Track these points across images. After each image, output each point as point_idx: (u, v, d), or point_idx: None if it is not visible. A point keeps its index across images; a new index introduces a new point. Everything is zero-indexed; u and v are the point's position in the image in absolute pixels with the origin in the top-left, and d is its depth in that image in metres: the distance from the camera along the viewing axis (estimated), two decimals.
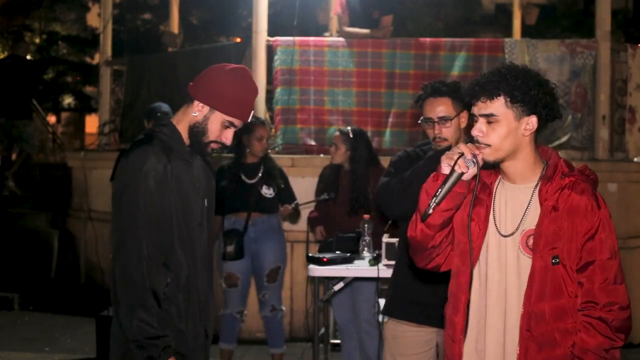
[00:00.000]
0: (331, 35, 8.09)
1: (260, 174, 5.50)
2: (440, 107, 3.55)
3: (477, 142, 2.49)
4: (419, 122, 3.67)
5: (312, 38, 7.35)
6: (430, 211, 2.47)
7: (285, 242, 5.68)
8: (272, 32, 7.24)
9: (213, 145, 2.84)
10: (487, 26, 21.00)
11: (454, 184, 2.46)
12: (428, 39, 7.33)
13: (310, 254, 4.85)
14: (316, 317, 4.80)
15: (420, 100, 3.65)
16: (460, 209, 2.55)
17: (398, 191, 3.58)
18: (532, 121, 2.46)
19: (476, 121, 2.52)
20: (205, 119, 2.80)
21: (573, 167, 2.54)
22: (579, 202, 2.44)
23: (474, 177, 2.49)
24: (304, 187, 6.37)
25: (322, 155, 6.89)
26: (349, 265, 4.70)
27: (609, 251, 2.45)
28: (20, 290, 7.92)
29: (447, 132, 3.55)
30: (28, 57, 5.57)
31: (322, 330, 5.43)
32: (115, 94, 9.13)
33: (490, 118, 2.46)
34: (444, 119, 3.54)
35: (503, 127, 2.45)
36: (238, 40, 11.20)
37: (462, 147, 2.48)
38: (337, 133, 5.44)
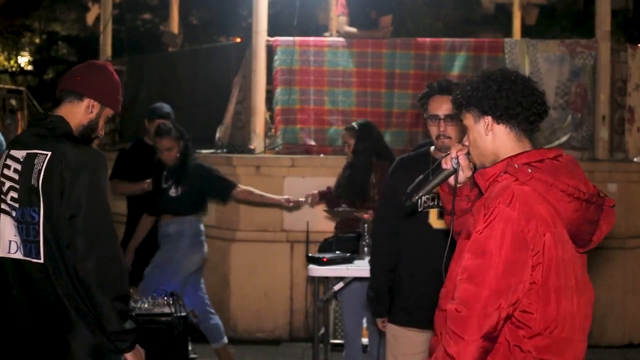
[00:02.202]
0: (331, 35, 8.09)
1: (173, 177, 5.48)
2: (447, 105, 3.54)
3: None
4: (424, 118, 3.65)
5: (312, 38, 7.34)
6: (413, 200, 2.63)
7: (198, 244, 5.54)
8: (272, 32, 7.24)
9: (95, 140, 3.09)
10: (487, 26, 20.99)
11: (441, 180, 2.55)
12: (428, 39, 7.33)
13: (310, 254, 4.85)
14: (316, 317, 4.80)
15: (426, 98, 3.64)
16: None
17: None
18: (487, 120, 2.40)
19: None
20: (98, 116, 2.99)
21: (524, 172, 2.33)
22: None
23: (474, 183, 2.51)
24: (304, 187, 6.37)
25: (322, 155, 6.89)
26: (349, 265, 4.70)
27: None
28: None
29: (452, 130, 3.55)
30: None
31: (322, 330, 5.42)
32: None
33: (464, 124, 2.49)
34: (450, 117, 3.53)
35: (470, 133, 2.46)
36: (238, 40, 11.21)
37: (453, 146, 2.54)
38: (345, 132, 5.44)
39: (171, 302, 5.21)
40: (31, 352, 2.81)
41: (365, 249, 4.82)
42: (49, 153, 2.77)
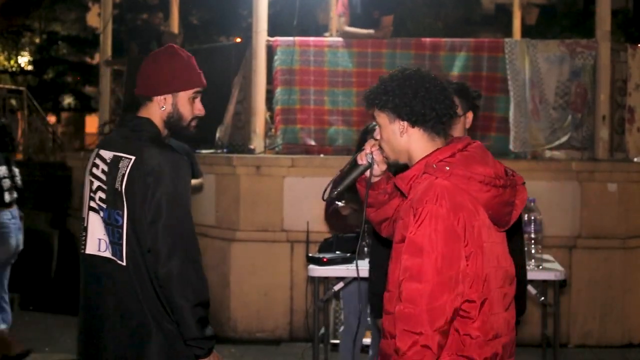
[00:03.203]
0: (331, 35, 8.09)
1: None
2: None
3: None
4: None
5: (312, 38, 7.35)
6: (333, 195, 2.71)
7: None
8: (272, 32, 7.24)
9: (193, 124, 2.89)
10: (487, 26, 21.00)
11: (358, 174, 2.66)
12: (428, 39, 7.33)
13: (310, 254, 4.84)
14: (316, 317, 4.80)
15: None
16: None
17: None
18: (402, 124, 2.51)
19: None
20: (174, 106, 2.84)
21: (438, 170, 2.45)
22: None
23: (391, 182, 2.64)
24: (304, 187, 6.38)
25: (322, 155, 6.89)
26: (349, 265, 4.69)
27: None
28: (20, 290, 7.92)
29: (454, 131, 3.56)
30: None
31: (322, 330, 5.42)
32: (115, 94, 9.14)
33: (376, 121, 2.60)
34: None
35: (383, 131, 2.57)
36: (238, 40, 11.20)
37: (368, 142, 2.66)
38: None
39: None
40: (108, 354, 2.82)
41: (366, 249, 4.81)
42: (133, 158, 2.71)
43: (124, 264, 2.74)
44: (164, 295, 2.68)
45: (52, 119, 21.50)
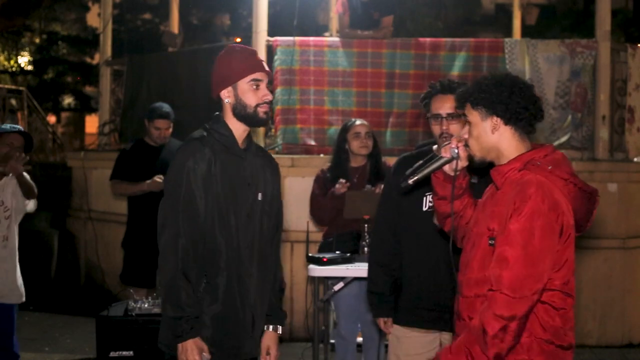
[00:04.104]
0: (331, 35, 8.09)
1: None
2: (449, 104, 3.56)
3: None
4: (427, 117, 3.67)
5: (312, 38, 7.35)
6: (409, 182, 2.81)
7: None
8: (272, 32, 7.24)
9: (261, 110, 3.01)
10: (487, 26, 21.01)
11: (439, 166, 2.81)
12: (428, 39, 7.33)
13: (310, 254, 4.84)
14: (316, 317, 4.80)
15: (428, 97, 3.66)
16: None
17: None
18: (496, 121, 2.65)
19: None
20: (236, 97, 3.00)
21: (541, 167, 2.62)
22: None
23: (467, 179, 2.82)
24: (304, 187, 6.37)
25: (322, 155, 6.89)
26: (349, 265, 4.69)
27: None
28: None
29: (455, 129, 3.55)
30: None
31: (322, 330, 5.41)
32: (115, 94, 9.13)
33: (466, 119, 2.73)
34: (452, 116, 3.55)
35: (473, 128, 2.70)
36: (238, 40, 11.20)
37: (454, 137, 2.79)
38: (364, 123, 5.22)
39: None
40: None
41: (365, 249, 4.81)
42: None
43: None
44: None
45: (52, 119, 21.51)
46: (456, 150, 2.76)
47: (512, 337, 2.49)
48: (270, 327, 3.19)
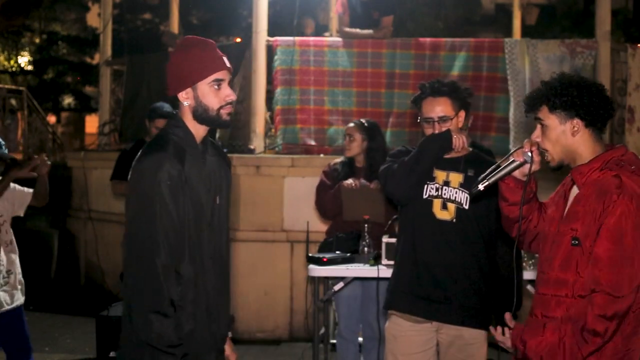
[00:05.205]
0: (331, 35, 8.09)
1: None
2: (440, 107, 3.58)
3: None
4: (418, 121, 3.69)
5: (312, 38, 7.35)
6: (480, 187, 2.75)
7: None
8: (272, 32, 7.24)
9: (224, 112, 2.77)
10: (487, 26, 21.00)
11: (512, 170, 2.76)
12: (428, 39, 7.33)
13: (310, 254, 4.84)
14: (316, 317, 4.80)
15: (419, 100, 3.68)
16: None
17: (403, 172, 3.60)
18: (576, 123, 2.66)
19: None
20: (196, 99, 2.76)
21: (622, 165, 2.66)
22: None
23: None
24: (304, 187, 6.37)
25: (322, 155, 6.89)
26: (349, 265, 4.69)
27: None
28: None
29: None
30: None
31: (322, 330, 5.42)
32: (115, 94, 9.14)
33: (541, 122, 2.73)
34: (443, 119, 3.56)
35: (551, 132, 2.71)
36: (238, 40, 11.19)
37: (526, 141, 2.76)
38: (351, 124, 5.20)
39: None
40: None
41: (366, 249, 4.81)
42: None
43: None
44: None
45: (52, 119, 21.50)
46: (530, 154, 2.73)
47: (609, 336, 2.54)
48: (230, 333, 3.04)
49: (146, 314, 2.62)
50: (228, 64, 2.79)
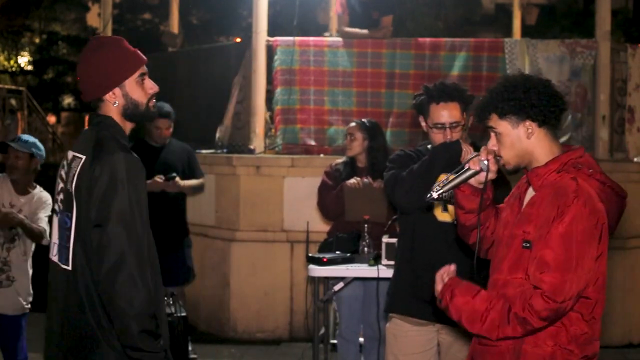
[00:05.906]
0: (331, 35, 8.09)
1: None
2: (451, 112, 3.55)
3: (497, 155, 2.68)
4: (429, 126, 3.63)
5: (312, 38, 7.34)
6: (434, 195, 2.67)
7: None
8: (272, 32, 7.24)
9: (151, 104, 2.75)
10: (487, 26, 21.01)
11: (466, 178, 2.68)
12: (428, 39, 7.32)
13: (310, 254, 4.84)
14: (316, 317, 4.80)
15: (426, 104, 3.63)
16: None
17: (412, 181, 3.56)
18: (529, 125, 2.60)
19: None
20: (126, 97, 2.70)
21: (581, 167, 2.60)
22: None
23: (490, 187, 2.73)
24: (304, 187, 6.37)
25: (322, 155, 6.89)
26: (349, 265, 4.69)
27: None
28: None
29: (458, 136, 3.57)
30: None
31: (322, 330, 5.42)
32: None
33: (493, 130, 2.66)
34: (454, 125, 3.54)
35: (505, 138, 2.63)
36: (238, 40, 11.20)
37: (483, 149, 2.68)
38: (353, 124, 5.20)
39: (171, 302, 5.21)
40: None
41: (366, 249, 4.81)
42: (84, 157, 2.60)
43: (69, 268, 2.62)
44: (106, 301, 2.51)
45: (52, 119, 21.52)
46: (486, 163, 2.65)
47: (532, 332, 2.50)
48: None
49: (133, 318, 2.52)
50: (144, 56, 2.77)
